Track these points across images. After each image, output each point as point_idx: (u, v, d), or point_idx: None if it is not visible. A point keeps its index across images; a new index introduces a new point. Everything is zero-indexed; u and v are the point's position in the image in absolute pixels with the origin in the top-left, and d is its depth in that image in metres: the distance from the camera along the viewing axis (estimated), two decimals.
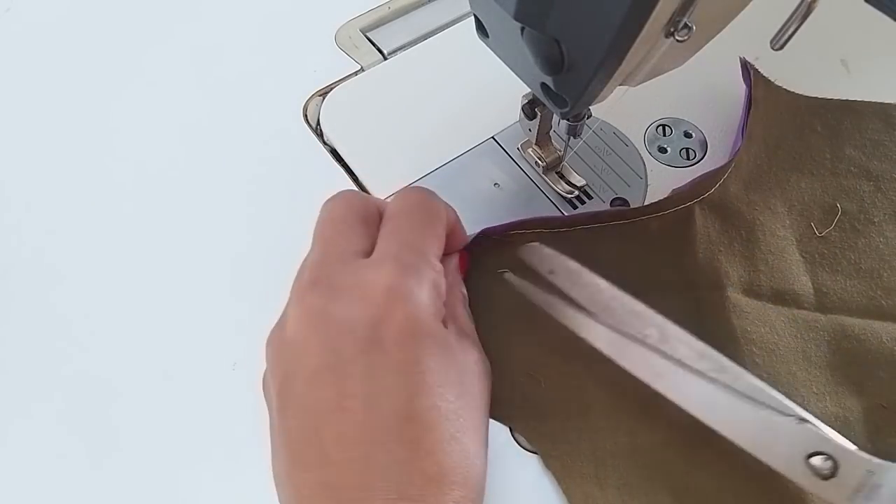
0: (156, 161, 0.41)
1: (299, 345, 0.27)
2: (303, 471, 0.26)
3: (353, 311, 0.26)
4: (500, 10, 0.26)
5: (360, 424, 0.25)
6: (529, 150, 0.39)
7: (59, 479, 0.31)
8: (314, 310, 0.27)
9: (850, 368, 0.32)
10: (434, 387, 0.26)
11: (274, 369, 0.28)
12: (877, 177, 0.37)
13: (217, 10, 0.48)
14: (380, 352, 0.26)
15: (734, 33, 0.30)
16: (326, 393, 0.26)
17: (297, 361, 0.27)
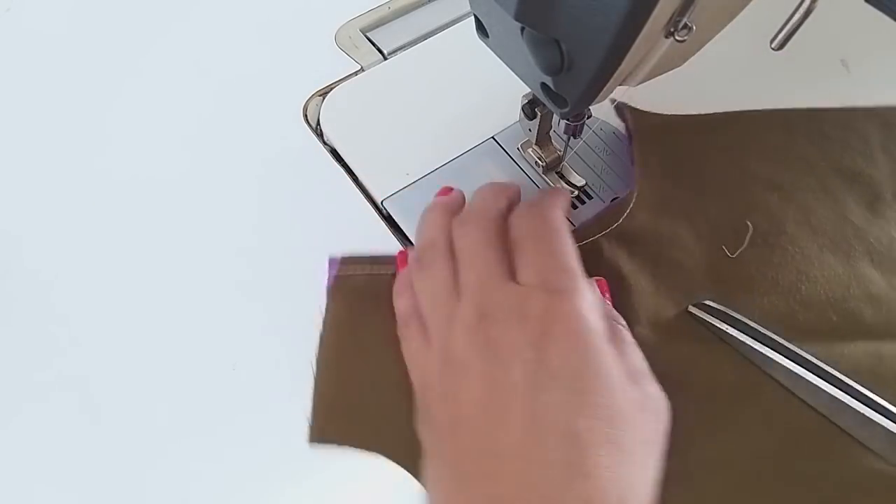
0: (156, 161, 0.41)
1: (469, 369, 0.28)
2: (469, 486, 0.26)
3: (517, 334, 0.27)
4: (500, 10, 0.26)
5: (520, 441, 0.26)
6: (529, 150, 0.39)
7: (59, 479, 0.31)
8: (480, 335, 0.28)
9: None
10: (598, 408, 0.26)
11: (444, 395, 0.28)
12: (782, 187, 0.36)
13: (217, 11, 0.48)
14: (546, 371, 0.26)
15: (734, 33, 0.30)
16: (493, 411, 0.26)
17: (467, 385, 0.27)
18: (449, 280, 0.30)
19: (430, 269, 0.31)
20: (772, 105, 0.43)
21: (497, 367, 0.27)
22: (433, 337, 0.30)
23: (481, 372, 0.27)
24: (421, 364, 0.30)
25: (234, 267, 0.37)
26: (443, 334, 0.29)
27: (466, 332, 0.28)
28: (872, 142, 0.37)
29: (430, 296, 0.31)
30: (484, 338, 0.28)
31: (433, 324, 0.30)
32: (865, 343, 0.32)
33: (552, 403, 0.26)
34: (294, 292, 0.36)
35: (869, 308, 0.33)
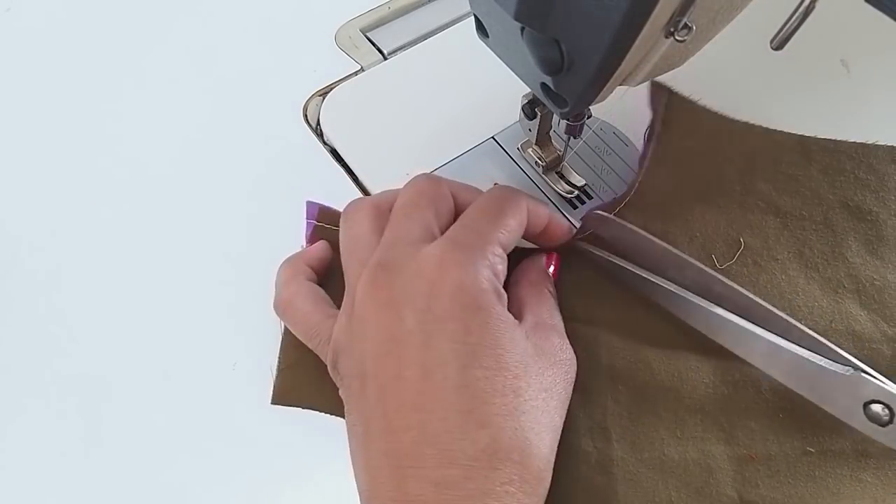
0: (156, 161, 0.41)
1: (367, 322, 0.28)
2: (371, 441, 0.26)
3: (411, 286, 0.28)
4: (500, 10, 0.26)
5: (416, 393, 0.26)
6: (529, 150, 0.39)
7: (59, 479, 0.31)
8: (380, 289, 0.28)
9: (721, 415, 0.31)
10: (488, 359, 0.26)
11: (349, 350, 0.29)
12: (785, 213, 0.36)
13: (217, 10, 0.48)
14: (434, 321, 0.27)
15: (734, 33, 0.30)
16: (389, 364, 0.27)
17: (365, 338, 0.28)
18: (366, 235, 0.31)
19: (353, 220, 0.32)
20: (772, 105, 0.43)
21: (392, 319, 0.27)
22: (349, 288, 0.30)
23: (377, 324, 0.27)
24: (340, 326, 0.30)
25: (234, 266, 0.37)
26: (351, 289, 0.30)
27: (368, 285, 0.28)
28: (889, 183, 0.37)
29: (347, 247, 0.32)
30: (384, 292, 0.28)
31: (347, 278, 0.31)
32: None
33: (444, 354, 0.26)
34: None
35: (849, 344, 0.32)
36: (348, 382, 0.28)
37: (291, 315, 0.32)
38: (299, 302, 0.32)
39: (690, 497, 0.29)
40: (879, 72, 0.45)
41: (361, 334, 0.28)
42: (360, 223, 0.31)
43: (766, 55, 0.30)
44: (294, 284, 0.32)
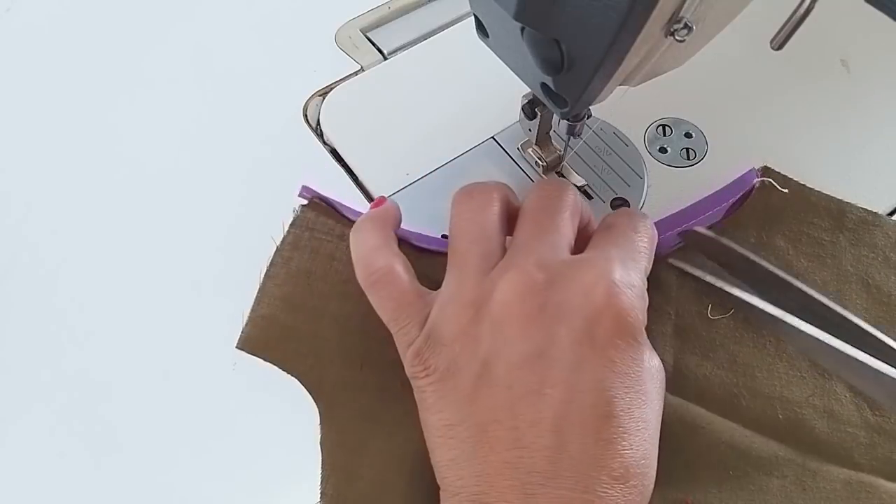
0: (156, 161, 0.41)
1: (509, 326, 0.27)
2: (489, 450, 0.26)
3: (571, 303, 0.27)
4: (500, 10, 0.26)
5: (558, 414, 0.25)
6: (529, 150, 0.39)
7: (58, 479, 0.31)
8: (535, 297, 0.27)
9: (675, 457, 0.30)
10: (634, 391, 0.26)
11: (473, 348, 0.27)
12: (796, 275, 0.33)
13: (217, 10, 0.48)
14: (590, 346, 0.26)
15: (734, 33, 0.30)
16: (530, 377, 0.26)
17: (504, 341, 0.27)
18: (492, 224, 0.29)
19: (476, 203, 0.30)
20: (772, 105, 0.43)
21: (543, 332, 0.26)
22: (468, 278, 0.28)
23: (524, 333, 0.26)
24: (443, 305, 0.28)
25: (234, 266, 0.37)
26: (467, 277, 0.28)
27: (519, 288, 0.27)
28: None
29: (466, 230, 0.30)
30: (538, 300, 0.27)
31: (459, 262, 0.29)
32: (802, 456, 0.30)
33: (595, 381, 0.26)
34: None
35: (823, 423, 0.31)
36: (451, 379, 0.27)
37: (386, 287, 0.30)
38: (396, 275, 0.29)
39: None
40: (879, 72, 0.45)
41: (497, 337, 0.27)
42: (486, 210, 0.30)
43: (766, 55, 0.30)
44: (389, 253, 0.30)
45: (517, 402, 0.26)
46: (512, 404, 0.26)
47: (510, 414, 0.26)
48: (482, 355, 0.27)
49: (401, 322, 0.29)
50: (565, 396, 0.25)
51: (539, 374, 0.26)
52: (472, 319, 0.27)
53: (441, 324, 0.28)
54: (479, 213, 0.30)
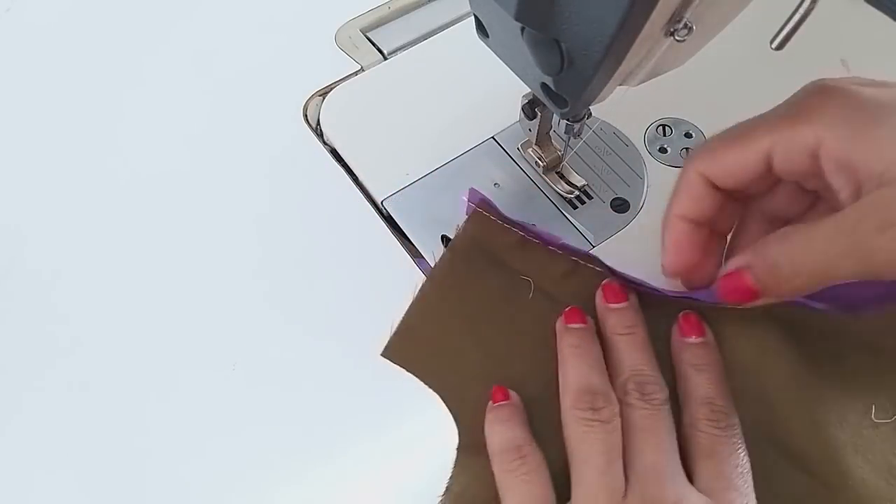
0: (156, 161, 0.41)
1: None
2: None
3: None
4: (500, 10, 0.26)
5: None
6: (529, 150, 0.39)
7: (58, 478, 0.31)
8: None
9: None
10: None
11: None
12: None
13: (217, 11, 0.48)
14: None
15: (734, 33, 0.30)
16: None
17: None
18: (618, 445, 0.29)
19: (599, 426, 0.29)
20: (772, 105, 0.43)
21: None
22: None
23: None
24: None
25: (234, 266, 0.37)
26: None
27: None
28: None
29: (602, 460, 0.28)
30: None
31: (587, 491, 0.28)
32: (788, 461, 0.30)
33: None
34: (294, 292, 0.36)
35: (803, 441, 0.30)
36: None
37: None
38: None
39: None
40: (879, 72, 0.45)
41: None
42: (608, 424, 0.29)
43: (766, 55, 0.30)
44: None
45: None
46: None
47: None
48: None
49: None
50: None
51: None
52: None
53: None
54: (602, 432, 0.29)
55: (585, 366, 0.30)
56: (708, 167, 0.28)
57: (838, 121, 0.24)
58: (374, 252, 0.37)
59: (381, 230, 0.38)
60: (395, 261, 0.37)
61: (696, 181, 0.28)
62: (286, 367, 0.34)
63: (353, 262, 0.37)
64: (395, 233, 0.38)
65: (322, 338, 0.35)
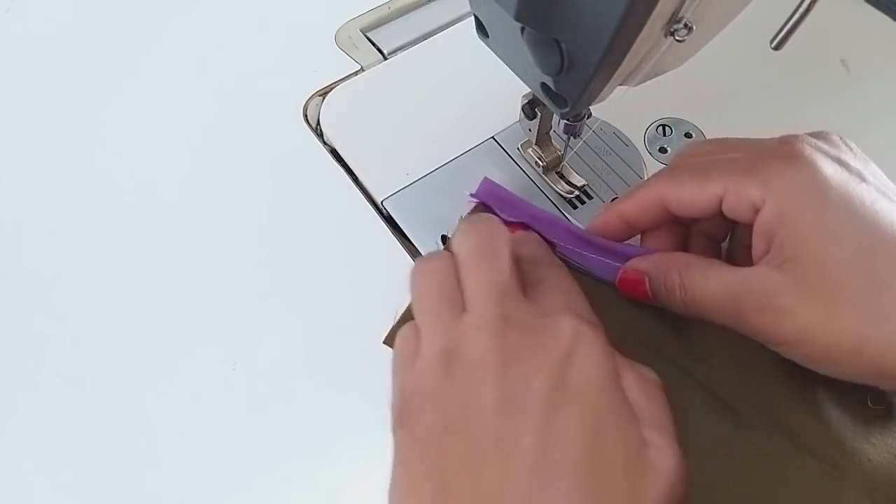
0: (156, 161, 0.41)
1: (483, 373, 0.26)
2: (449, 500, 0.25)
3: (544, 352, 0.26)
4: (500, 10, 0.26)
5: (532, 465, 0.24)
6: (529, 150, 0.39)
7: (58, 479, 0.31)
8: (506, 343, 0.26)
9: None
10: (612, 440, 0.25)
11: (440, 398, 0.27)
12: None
13: (217, 11, 0.48)
14: (565, 395, 0.25)
15: (734, 33, 0.30)
16: (503, 425, 0.25)
17: (475, 389, 0.26)
18: (452, 277, 0.29)
19: (433, 264, 0.29)
20: (772, 105, 0.43)
21: (517, 379, 0.26)
22: (433, 334, 0.28)
23: (497, 379, 0.26)
24: (409, 363, 0.28)
25: (234, 266, 0.37)
26: (448, 332, 0.28)
27: (490, 336, 0.26)
28: None
29: (435, 289, 0.29)
30: (509, 342, 0.26)
31: (435, 320, 0.28)
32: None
33: (571, 431, 0.25)
34: (294, 291, 0.36)
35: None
36: (425, 429, 0.26)
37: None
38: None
39: None
40: (879, 72, 0.45)
41: (470, 384, 0.26)
42: (439, 272, 0.29)
43: (766, 55, 0.30)
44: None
45: (487, 452, 0.25)
46: (481, 455, 0.25)
47: (477, 465, 0.25)
48: (449, 405, 0.26)
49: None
50: (540, 446, 0.24)
51: (512, 422, 0.25)
52: (443, 371, 0.27)
53: (418, 381, 0.27)
54: (431, 275, 0.29)
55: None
56: (668, 194, 0.30)
57: (786, 195, 0.26)
58: (374, 252, 0.37)
59: (381, 230, 0.38)
60: (395, 261, 0.37)
61: (653, 199, 0.30)
62: (286, 367, 0.34)
63: (354, 262, 0.37)
64: (395, 233, 0.38)
65: (322, 337, 0.35)
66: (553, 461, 0.24)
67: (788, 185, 0.26)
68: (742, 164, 0.28)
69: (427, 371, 0.27)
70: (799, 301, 0.26)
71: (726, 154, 0.30)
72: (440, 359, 0.27)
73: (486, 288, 0.28)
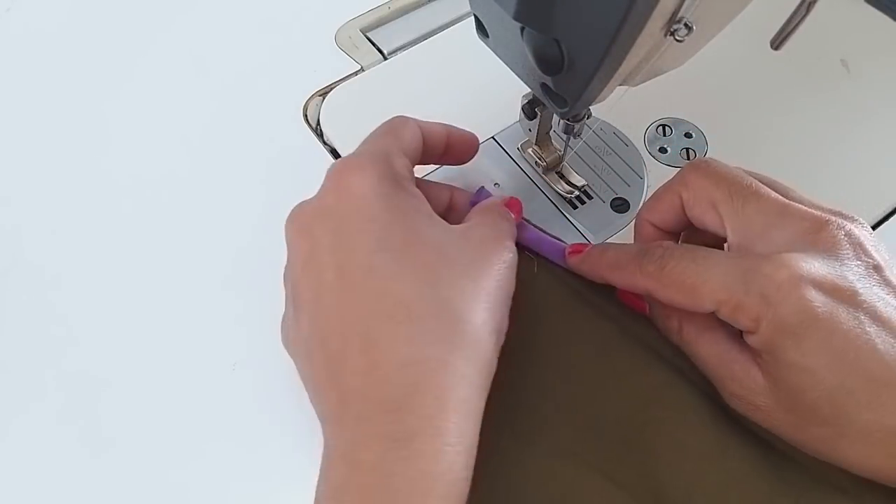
0: (155, 161, 0.41)
1: (290, 252, 0.30)
2: (313, 361, 0.27)
3: (319, 205, 0.29)
4: (500, 10, 0.26)
5: (336, 291, 0.27)
6: (529, 150, 0.39)
7: (58, 479, 0.31)
8: (293, 218, 0.30)
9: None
10: (395, 241, 0.27)
11: (286, 289, 0.31)
12: None
13: (217, 11, 0.48)
14: (341, 223, 0.28)
15: (734, 33, 0.30)
16: (312, 277, 0.28)
17: (292, 266, 0.30)
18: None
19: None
20: (772, 105, 0.43)
21: (306, 239, 0.29)
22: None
23: (297, 249, 0.29)
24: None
25: (234, 266, 0.37)
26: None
27: (287, 221, 0.30)
28: None
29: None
30: (296, 218, 0.30)
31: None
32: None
33: (353, 246, 0.27)
34: None
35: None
36: (289, 330, 0.30)
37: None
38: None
39: None
40: (879, 72, 0.45)
41: (290, 269, 0.29)
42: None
43: (766, 55, 0.30)
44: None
45: (311, 304, 0.28)
46: (310, 310, 0.28)
47: (312, 318, 0.27)
48: (289, 290, 0.30)
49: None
50: (337, 273, 0.27)
51: (316, 270, 0.28)
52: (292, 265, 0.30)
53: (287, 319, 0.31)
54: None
55: None
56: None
57: (775, 331, 0.27)
58: None
59: None
60: None
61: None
62: (286, 367, 0.34)
63: None
64: None
65: None
66: (351, 279, 0.27)
67: (780, 322, 0.26)
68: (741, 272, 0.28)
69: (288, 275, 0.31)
70: (775, 405, 0.27)
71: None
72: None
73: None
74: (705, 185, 0.29)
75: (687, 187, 0.30)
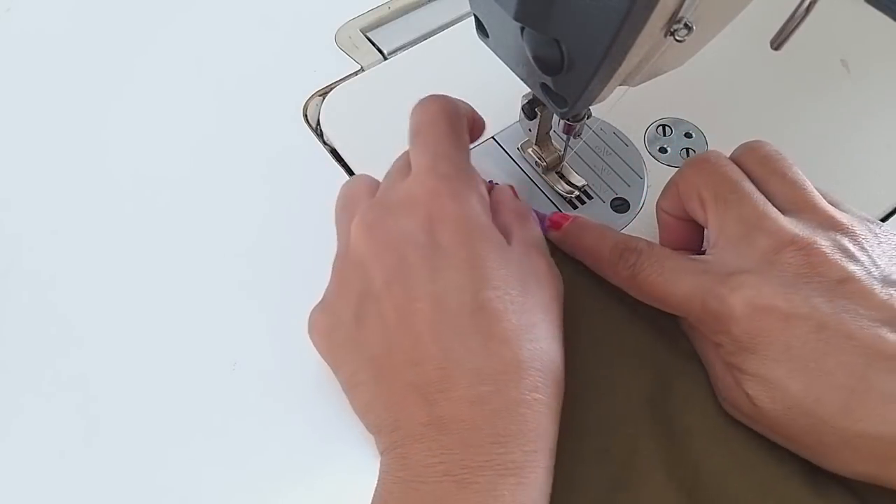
0: (155, 161, 0.41)
1: (366, 263, 0.28)
2: (389, 377, 0.27)
3: (407, 221, 0.28)
4: (500, 10, 0.26)
5: (432, 323, 0.27)
6: (529, 150, 0.39)
7: (58, 479, 0.31)
8: (374, 228, 0.29)
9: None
10: (496, 280, 0.27)
11: (347, 294, 0.29)
12: None
13: (217, 11, 0.48)
14: (440, 252, 0.28)
15: (734, 33, 0.30)
16: (398, 300, 0.27)
17: (367, 279, 0.28)
18: (363, 186, 0.33)
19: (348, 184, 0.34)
20: (772, 105, 0.43)
21: (393, 257, 0.28)
22: (340, 240, 0.31)
23: (379, 265, 0.28)
24: (336, 269, 0.31)
25: (233, 266, 0.37)
26: (345, 236, 0.31)
27: (361, 229, 0.29)
28: None
29: (345, 200, 0.33)
30: (379, 231, 0.29)
31: (340, 227, 0.32)
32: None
33: (455, 283, 0.27)
34: (294, 291, 0.36)
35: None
36: (341, 333, 0.29)
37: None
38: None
39: None
40: (879, 72, 0.45)
41: (363, 274, 0.28)
42: (355, 184, 0.33)
43: (766, 55, 0.30)
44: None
45: (394, 327, 0.27)
46: (389, 330, 0.27)
47: (390, 340, 0.27)
48: (353, 299, 0.29)
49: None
50: (433, 305, 0.27)
51: (404, 294, 0.27)
52: (341, 269, 0.30)
53: (329, 298, 0.31)
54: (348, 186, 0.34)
55: None
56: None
57: (750, 333, 0.27)
58: None
59: None
60: None
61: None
62: (286, 367, 0.34)
63: None
64: None
65: None
66: (450, 314, 0.27)
67: (736, 340, 0.27)
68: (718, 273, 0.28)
69: (338, 271, 0.31)
70: (758, 416, 0.27)
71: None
72: (338, 260, 0.31)
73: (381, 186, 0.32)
74: (696, 182, 0.30)
75: (682, 181, 0.31)
